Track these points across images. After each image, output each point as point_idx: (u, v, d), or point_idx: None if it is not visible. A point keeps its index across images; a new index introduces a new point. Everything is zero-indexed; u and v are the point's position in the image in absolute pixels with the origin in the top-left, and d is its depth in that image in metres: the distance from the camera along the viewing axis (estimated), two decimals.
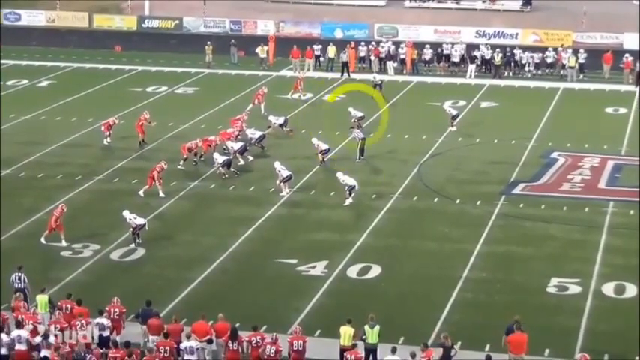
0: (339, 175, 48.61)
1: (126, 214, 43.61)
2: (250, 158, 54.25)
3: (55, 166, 53.87)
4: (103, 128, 57.32)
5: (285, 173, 49.56)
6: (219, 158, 52.22)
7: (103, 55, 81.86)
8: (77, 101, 66.68)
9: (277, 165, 50.04)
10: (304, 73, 72.64)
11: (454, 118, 60.15)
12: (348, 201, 47.93)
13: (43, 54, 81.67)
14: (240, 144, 54.31)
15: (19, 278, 36.52)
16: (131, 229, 43.50)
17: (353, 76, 75.07)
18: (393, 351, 31.44)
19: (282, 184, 49.47)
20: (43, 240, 43.34)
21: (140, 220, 43.64)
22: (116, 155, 55.26)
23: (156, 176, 48.67)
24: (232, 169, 51.93)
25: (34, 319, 33.28)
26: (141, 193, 48.97)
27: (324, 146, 53.46)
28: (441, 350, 32.05)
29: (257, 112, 61.39)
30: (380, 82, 68.09)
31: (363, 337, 32.68)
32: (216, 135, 55.24)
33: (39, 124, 62.34)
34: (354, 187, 48.10)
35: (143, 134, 56.65)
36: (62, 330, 32.68)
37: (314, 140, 53.51)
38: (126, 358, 30.93)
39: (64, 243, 43.21)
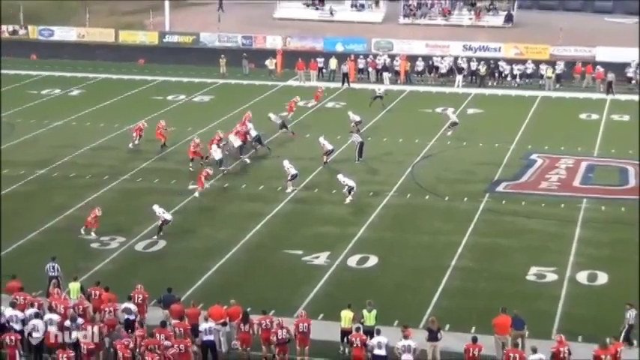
0: (340, 177, 48.60)
1: (156, 207, 43.70)
2: (247, 161, 54.54)
3: (85, 166, 53.88)
4: (134, 134, 57.18)
5: (292, 171, 49.56)
6: (215, 153, 52.71)
7: (128, 67, 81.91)
8: (104, 108, 66.68)
9: (286, 163, 50.05)
10: (320, 88, 71.90)
11: (454, 124, 60.05)
12: (348, 199, 47.94)
13: (74, 66, 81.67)
14: (239, 142, 54.82)
15: (53, 268, 36.59)
16: (160, 222, 43.55)
17: (352, 86, 75.06)
18: (378, 332, 31.51)
19: (288, 182, 49.46)
20: (82, 231, 43.50)
21: (168, 216, 43.68)
22: (139, 157, 55.25)
23: (202, 178, 48.86)
24: (223, 167, 52.41)
25: (66, 303, 33.36)
26: (196, 194, 48.80)
27: (329, 146, 53.51)
28: (427, 333, 32.18)
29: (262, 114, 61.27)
30: (382, 94, 67.53)
31: (362, 320, 32.72)
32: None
33: (70, 129, 62.36)
34: (353, 187, 48.11)
35: (164, 138, 56.63)
36: (84, 311, 33.00)
37: (321, 139, 53.58)
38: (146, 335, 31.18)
39: (93, 236, 43.30)
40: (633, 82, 73.91)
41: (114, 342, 31.16)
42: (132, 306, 33.29)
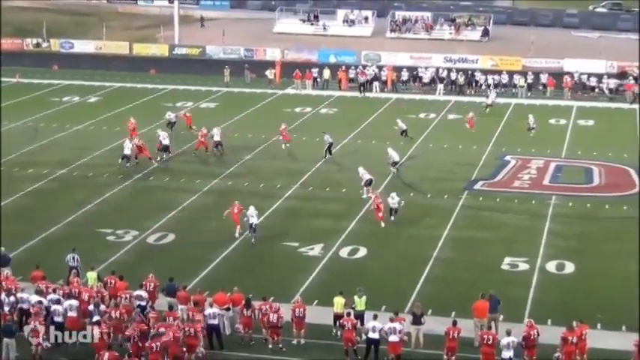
0: (360, 170, 48.50)
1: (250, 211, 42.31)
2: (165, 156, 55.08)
3: (102, 166, 53.76)
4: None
5: (367, 177, 48.38)
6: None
7: (141, 77, 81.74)
8: (120, 114, 66.46)
9: (361, 170, 48.81)
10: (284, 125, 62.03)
11: (403, 132, 59.43)
12: (367, 192, 47.71)
13: (92, 75, 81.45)
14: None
15: (73, 258, 36.57)
16: (250, 225, 42.15)
17: (344, 93, 75.03)
18: (375, 318, 31.51)
19: (364, 187, 48.27)
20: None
21: (254, 219, 42.18)
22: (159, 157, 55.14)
23: (235, 214, 44.09)
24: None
25: (90, 292, 33.39)
26: (236, 234, 42.96)
27: (368, 176, 48.57)
28: (411, 317, 32.21)
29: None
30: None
31: (353, 305, 32.68)
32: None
33: (88, 132, 62.24)
34: (371, 180, 48.01)
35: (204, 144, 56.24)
36: (102, 298, 33.15)
37: (360, 169, 49.40)
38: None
39: (237, 234, 42.66)
40: (596, 90, 73.98)
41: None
42: (143, 293, 33.31)
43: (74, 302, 32.32)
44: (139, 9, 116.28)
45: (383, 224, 43.73)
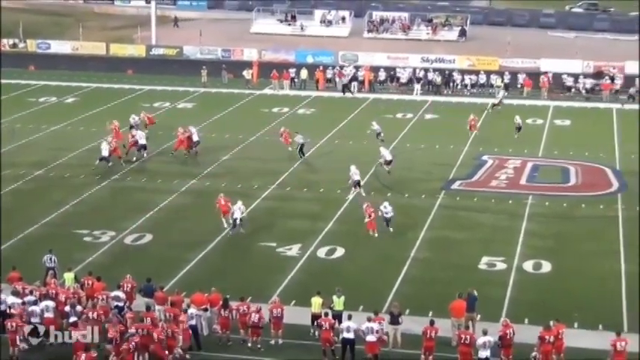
0: (352, 168, 48.61)
1: (238, 205, 43.07)
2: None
3: (79, 167, 53.55)
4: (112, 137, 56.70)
5: (356, 177, 48.37)
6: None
7: (118, 77, 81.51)
8: (97, 115, 66.21)
9: (352, 168, 48.77)
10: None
11: (378, 135, 58.69)
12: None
13: (69, 76, 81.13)
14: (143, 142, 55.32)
15: (50, 259, 36.44)
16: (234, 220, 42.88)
17: (321, 93, 75.07)
18: (349, 318, 31.50)
19: (352, 187, 48.40)
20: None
21: (237, 214, 42.85)
22: (129, 158, 54.89)
23: (222, 205, 44.70)
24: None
25: (67, 293, 33.30)
26: (225, 225, 43.80)
27: (357, 178, 48.43)
28: (389, 317, 32.24)
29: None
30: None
31: (331, 305, 32.69)
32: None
33: (65, 133, 62.01)
34: (359, 181, 48.31)
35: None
36: (79, 299, 33.07)
37: (352, 168, 49.20)
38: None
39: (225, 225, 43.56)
40: (573, 90, 74.25)
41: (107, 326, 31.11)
42: (121, 294, 33.25)
43: (51, 303, 32.21)
44: (116, 9, 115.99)
45: (376, 234, 42.61)
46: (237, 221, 42.81)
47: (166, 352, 30.44)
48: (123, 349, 29.73)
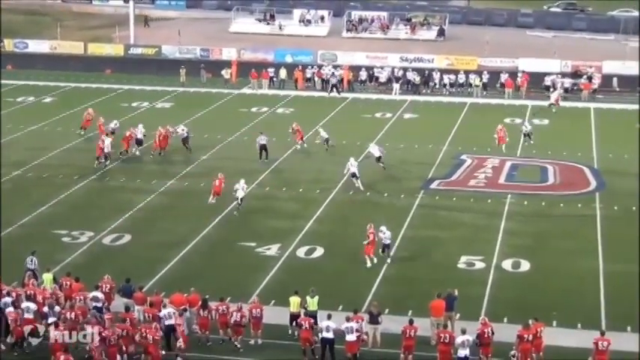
0: (351, 160, 49.85)
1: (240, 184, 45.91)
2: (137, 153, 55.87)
3: (57, 167, 53.41)
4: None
5: (353, 169, 49.33)
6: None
7: (96, 77, 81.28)
8: (75, 114, 65.90)
9: (351, 160, 50.09)
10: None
11: (326, 140, 57.45)
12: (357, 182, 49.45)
13: (47, 76, 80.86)
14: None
15: (32, 261, 36.32)
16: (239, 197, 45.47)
17: (300, 93, 75.08)
18: (329, 317, 31.54)
19: (352, 178, 49.47)
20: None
21: (240, 193, 45.59)
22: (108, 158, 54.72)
23: (217, 187, 46.84)
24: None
25: (44, 294, 33.16)
26: (211, 201, 46.64)
27: (353, 169, 49.54)
28: (368, 316, 32.30)
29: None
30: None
31: (305, 305, 32.74)
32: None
33: (43, 133, 61.77)
34: (354, 173, 49.14)
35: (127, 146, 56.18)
36: (57, 300, 32.90)
37: (351, 160, 50.63)
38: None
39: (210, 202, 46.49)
40: (551, 90, 74.48)
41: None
42: (99, 294, 33.16)
43: (32, 305, 32.11)
44: (94, 8, 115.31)
45: (370, 263, 39.25)
46: (239, 200, 45.10)
47: (163, 352, 30.60)
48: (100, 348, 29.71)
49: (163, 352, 30.95)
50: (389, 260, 39.65)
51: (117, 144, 54.85)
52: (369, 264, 39.17)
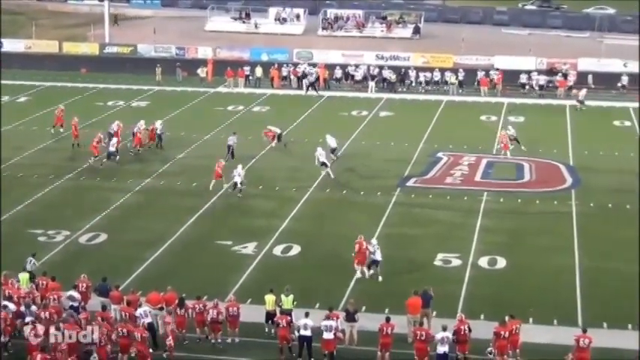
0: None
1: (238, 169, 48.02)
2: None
3: (32, 167, 53.20)
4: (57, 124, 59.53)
5: (322, 159, 50.78)
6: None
7: (71, 76, 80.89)
8: (50, 114, 65.45)
9: (319, 150, 51.38)
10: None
11: (279, 136, 57.98)
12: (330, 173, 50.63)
13: (22, 75, 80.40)
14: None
15: (30, 262, 36.29)
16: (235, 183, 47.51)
17: (276, 91, 75.05)
18: (306, 315, 31.58)
19: (321, 166, 50.91)
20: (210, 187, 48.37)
21: (237, 178, 47.54)
22: (83, 157, 54.49)
23: (221, 171, 49.15)
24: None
25: (18, 292, 33.06)
26: (210, 187, 48.80)
27: (322, 159, 51.14)
28: (345, 314, 32.36)
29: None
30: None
31: (280, 303, 32.75)
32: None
33: (18, 132, 61.39)
34: (324, 163, 50.54)
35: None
36: (34, 299, 32.89)
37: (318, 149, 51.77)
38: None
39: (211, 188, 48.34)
40: (527, 87, 74.72)
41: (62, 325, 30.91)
42: (76, 294, 33.09)
43: (11, 305, 32.03)
44: (69, 7, 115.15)
45: (361, 275, 37.86)
46: (239, 185, 47.23)
47: (150, 350, 30.67)
48: (61, 349, 29.66)
49: (151, 350, 30.98)
50: (380, 278, 37.64)
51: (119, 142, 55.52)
52: (358, 275, 37.86)
